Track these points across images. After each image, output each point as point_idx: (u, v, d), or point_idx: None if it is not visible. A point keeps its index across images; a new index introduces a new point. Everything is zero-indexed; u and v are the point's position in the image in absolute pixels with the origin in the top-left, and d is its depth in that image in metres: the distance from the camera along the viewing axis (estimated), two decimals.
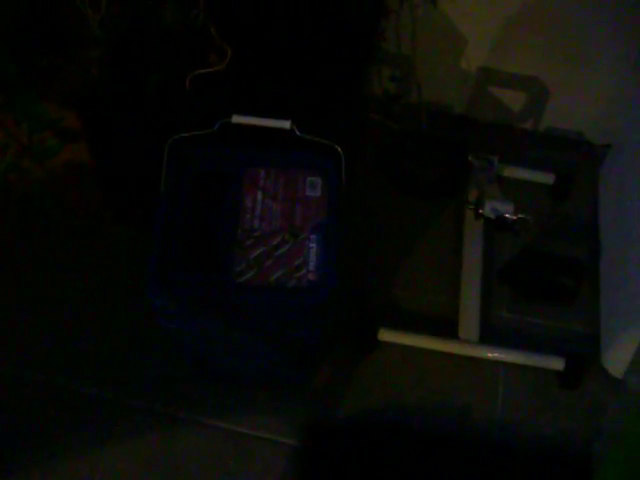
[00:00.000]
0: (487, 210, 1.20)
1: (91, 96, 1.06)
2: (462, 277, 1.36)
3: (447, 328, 1.31)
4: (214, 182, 1.02)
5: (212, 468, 1.18)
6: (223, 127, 1.00)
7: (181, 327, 0.96)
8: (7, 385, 1.22)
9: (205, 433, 1.20)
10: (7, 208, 1.28)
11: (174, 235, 0.96)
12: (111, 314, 1.30)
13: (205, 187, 1.01)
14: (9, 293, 1.31)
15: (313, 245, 0.96)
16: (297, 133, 0.99)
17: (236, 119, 1.00)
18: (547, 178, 1.50)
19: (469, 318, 1.32)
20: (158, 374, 1.24)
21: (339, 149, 0.99)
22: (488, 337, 1.30)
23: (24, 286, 1.32)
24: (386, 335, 1.28)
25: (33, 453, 1.17)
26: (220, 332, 0.98)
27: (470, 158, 1.36)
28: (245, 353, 1.09)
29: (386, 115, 1.39)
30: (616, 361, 1.26)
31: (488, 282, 1.37)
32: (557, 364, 1.26)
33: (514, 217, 1.20)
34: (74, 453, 1.17)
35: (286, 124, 0.99)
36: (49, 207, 1.22)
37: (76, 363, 1.25)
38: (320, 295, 0.91)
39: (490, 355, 1.28)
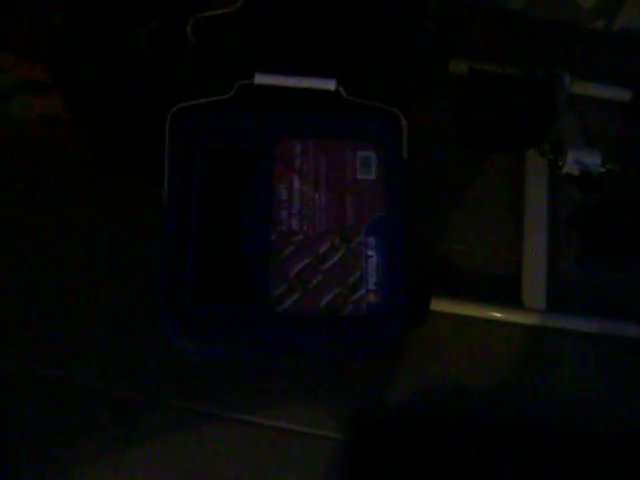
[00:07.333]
0: (569, 163, 0.96)
1: (58, 48, 0.78)
2: (525, 229, 1.15)
3: (508, 288, 1.12)
4: (235, 164, 0.78)
5: (246, 468, 1.03)
6: (242, 90, 0.74)
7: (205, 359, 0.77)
8: (11, 384, 1.05)
9: (235, 430, 1.04)
10: None
11: (187, 247, 0.73)
12: (114, 291, 1.09)
13: (223, 172, 0.77)
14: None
15: (372, 252, 0.74)
16: (344, 95, 0.74)
17: (260, 79, 0.74)
18: (621, 94, 1.24)
19: (534, 278, 1.13)
20: (174, 365, 1.06)
21: (401, 116, 0.74)
22: (555, 298, 1.12)
23: (19, 267, 1.10)
24: (439, 305, 1.09)
25: (46, 458, 1.02)
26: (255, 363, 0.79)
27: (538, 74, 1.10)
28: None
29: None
30: None
31: (555, 233, 1.16)
32: (636, 332, 1.09)
33: (602, 169, 0.97)
34: (93, 457, 1.02)
35: (330, 84, 0.74)
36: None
37: (80, 355, 1.07)
38: (386, 329, 0.71)
39: (558, 324, 1.10)
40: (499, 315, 1.10)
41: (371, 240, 0.74)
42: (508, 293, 1.12)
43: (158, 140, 0.78)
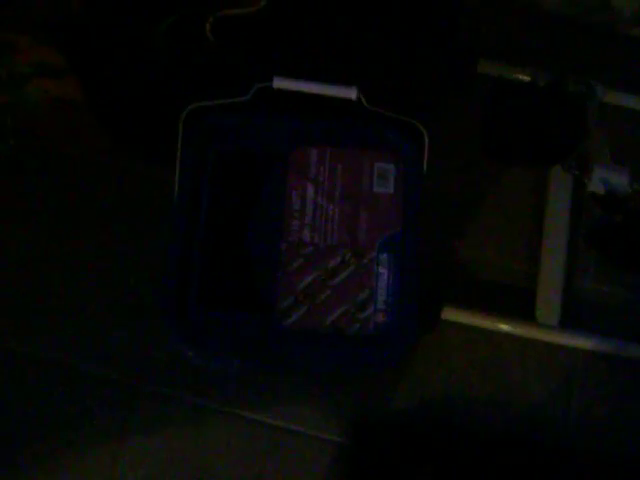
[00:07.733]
0: (595, 181, 0.93)
1: (74, 35, 0.76)
2: (544, 242, 1.11)
3: (522, 301, 1.09)
4: (248, 168, 0.76)
5: (243, 465, 1.03)
6: (260, 93, 0.72)
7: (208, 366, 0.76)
8: (13, 367, 1.05)
9: (235, 425, 1.04)
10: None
11: (194, 253, 0.72)
12: (120, 278, 1.08)
13: (236, 175, 0.75)
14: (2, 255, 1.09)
15: (383, 270, 0.72)
16: (365, 105, 0.72)
17: (279, 83, 0.72)
18: None
19: (549, 293, 1.10)
20: (176, 356, 1.04)
21: (424, 131, 0.72)
22: (570, 314, 1.09)
23: (26, 249, 1.10)
24: (450, 313, 1.07)
25: (45, 443, 1.02)
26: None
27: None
28: None
29: None
30: None
31: (575, 248, 1.13)
32: None
33: (629, 190, 0.94)
34: (93, 442, 1.03)
35: (351, 92, 0.71)
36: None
37: (82, 342, 1.06)
38: (393, 351, 0.69)
39: (571, 342, 1.08)
40: (510, 328, 1.08)
41: (384, 257, 0.72)
42: (522, 306, 1.10)
43: (174, 130, 0.76)
